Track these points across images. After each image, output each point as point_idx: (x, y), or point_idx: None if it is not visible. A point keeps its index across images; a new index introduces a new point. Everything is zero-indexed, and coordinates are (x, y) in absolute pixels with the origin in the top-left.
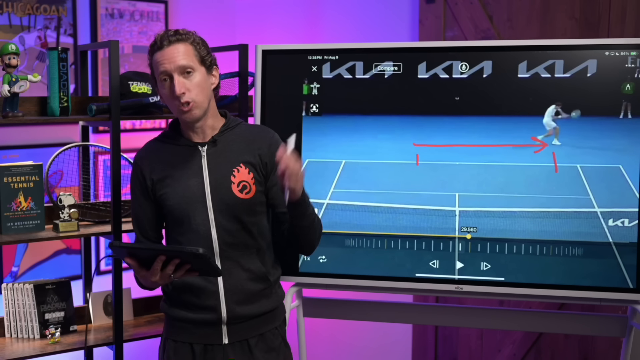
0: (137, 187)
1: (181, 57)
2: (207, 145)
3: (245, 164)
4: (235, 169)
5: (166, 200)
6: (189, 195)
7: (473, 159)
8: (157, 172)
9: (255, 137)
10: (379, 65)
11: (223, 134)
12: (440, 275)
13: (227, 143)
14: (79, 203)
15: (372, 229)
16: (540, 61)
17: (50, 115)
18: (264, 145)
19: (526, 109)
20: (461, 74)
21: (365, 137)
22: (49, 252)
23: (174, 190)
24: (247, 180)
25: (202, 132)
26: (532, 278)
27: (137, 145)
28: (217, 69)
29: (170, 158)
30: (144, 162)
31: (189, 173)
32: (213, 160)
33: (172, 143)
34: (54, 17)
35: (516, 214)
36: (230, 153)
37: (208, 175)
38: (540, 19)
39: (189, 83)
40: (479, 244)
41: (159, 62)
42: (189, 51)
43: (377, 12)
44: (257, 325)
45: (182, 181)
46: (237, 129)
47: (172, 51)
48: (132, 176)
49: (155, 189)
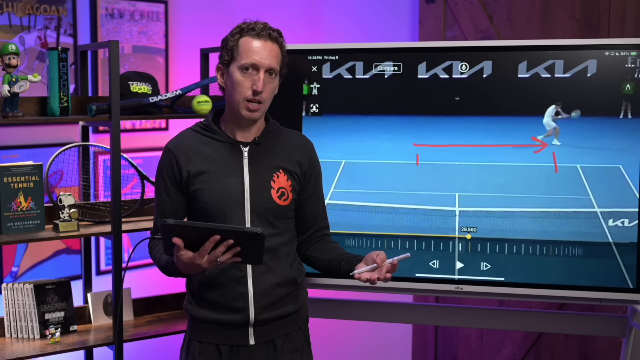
0: (170, 177)
1: (275, 58)
2: (250, 145)
3: (284, 170)
4: (275, 174)
5: (201, 196)
6: (228, 194)
7: (473, 159)
8: (195, 164)
9: (296, 145)
10: (379, 65)
11: (265, 136)
12: (440, 275)
13: (269, 146)
14: (79, 203)
15: (372, 229)
16: (540, 61)
17: (50, 115)
18: (304, 156)
19: (526, 109)
20: (461, 74)
21: (365, 137)
22: (49, 252)
23: (212, 187)
24: (285, 187)
25: (248, 132)
26: (532, 278)
27: (137, 145)
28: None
29: (209, 152)
30: (180, 152)
31: (229, 172)
32: (254, 162)
33: (212, 137)
34: (54, 17)
35: (516, 214)
36: (271, 157)
37: (249, 176)
38: (540, 19)
39: (268, 85)
40: (479, 244)
41: (253, 49)
42: (280, 56)
43: (377, 12)
44: (283, 326)
45: (220, 179)
46: (277, 133)
47: (271, 48)
48: (163, 165)
49: (189, 183)
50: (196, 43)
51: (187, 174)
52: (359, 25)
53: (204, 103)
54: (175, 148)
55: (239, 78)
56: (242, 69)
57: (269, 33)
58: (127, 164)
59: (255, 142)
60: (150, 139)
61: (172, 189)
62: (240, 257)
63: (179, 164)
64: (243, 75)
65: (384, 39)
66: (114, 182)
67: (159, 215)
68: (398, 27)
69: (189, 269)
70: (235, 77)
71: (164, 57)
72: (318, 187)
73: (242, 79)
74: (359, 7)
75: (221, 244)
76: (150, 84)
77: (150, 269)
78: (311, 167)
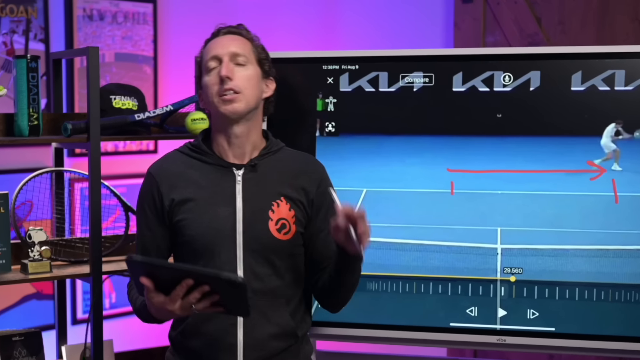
0: (150, 207)
1: (239, 44)
2: (245, 168)
3: (286, 198)
4: (274, 203)
5: (186, 228)
6: (216, 226)
7: (518, 187)
8: (179, 191)
9: (301, 168)
10: (407, 76)
11: (263, 157)
12: (479, 325)
13: (268, 170)
14: (52, 239)
15: (398, 270)
16: (598, 72)
17: (17, 136)
18: (312, 181)
19: (581, 128)
20: (504, 86)
21: (390, 162)
22: (16, 297)
23: (198, 217)
24: (287, 218)
25: (241, 150)
26: (587, 328)
27: (121, 171)
28: (273, 83)
29: (196, 176)
30: (162, 176)
31: (219, 199)
32: (250, 188)
33: (200, 159)
34: (22, 19)
35: (569, 253)
36: (270, 183)
37: (242, 205)
38: (597, 21)
39: (238, 72)
40: (525, 288)
41: (209, 49)
42: (246, 45)
43: (404, 13)
44: None
45: (208, 208)
46: (279, 154)
47: (228, 39)
48: (145, 192)
49: (173, 212)
50: (190, 50)
51: (170, 202)
52: (382, 29)
53: (200, 121)
54: (157, 172)
55: (205, 80)
56: (206, 71)
57: (227, 29)
58: (108, 192)
59: (251, 164)
60: (135, 164)
61: (153, 221)
62: (221, 307)
63: (160, 190)
64: (209, 75)
65: (412, 45)
66: (93, 215)
67: (139, 252)
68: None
69: (161, 314)
70: (204, 83)
71: (152, 67)
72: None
73: (208, 79)
74: (382, 8)
75: (195, 289)
76: (136, 98)
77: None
78: (320, 195)
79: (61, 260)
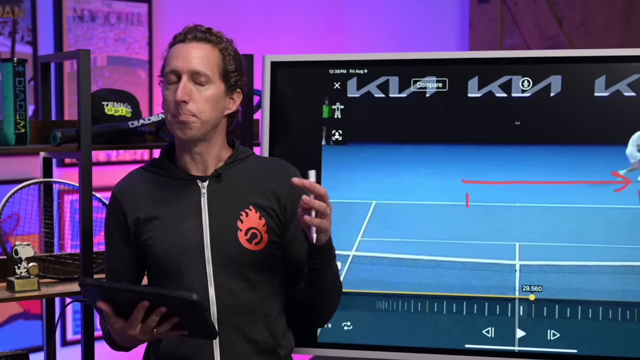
0: (115, 228)
1: (200, 60)
2: (209, 180)
3: (255, 206)
4: (243, 212)
5: (152, 247)
6: (182, 242)
7: (537, 199)
8: (143, 210)
9: (270, 173)
10: (419, 81)
11: (229, 167)
12: (496, 347)
13: (234, 179)
14: (40, 255)
15: (409, 288)
16: (623, 76)
17: (3, 145)
18: (282, 185)
19: (605, 137)
20: (523, 92)
21: (401, 172)
22: (2, 317)
23: (163, 235)
24: (257, 228)
25: (203, 163)
26: (612, 350)
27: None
28: (239, 95)
29: (159, 193)
30: (125, 196)
31: (184, 214)
32: (216, 199)
33: (164, 174)
34: (8, 20)
35: (592, 269)
36: (237, 192)
37: (208, 218)
38: (622, 22)
39: (197, 94)
40: (545, 307)
41: (172, 56)
42: (213, 58)
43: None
44: None
45: (174, 224)
46: (246, 161)
47: (193, 49)
48: (109, 214)
49: (139, 232)
50: None
51: (135, 221)
52: (393, 31)
53: None
54: (120, 192)
55: (164, 94)
56: (166, 80)
57: (196, 34)
58: (100, 205)
59: (216, 174)
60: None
61: (118, 242)
62: (184, 329)
63: (124, 210)
64: (167, 89)
65: (424, 47)
66: (84, 229)
67: (110, 276)
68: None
69: (124, 340)
70: (163, 95)
71: (146, 71)
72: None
73: (166, 93)
74: (393, 9)
75: (153, 312)
76: (130, 104)
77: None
78: (293, 199)
79: (50, 277)
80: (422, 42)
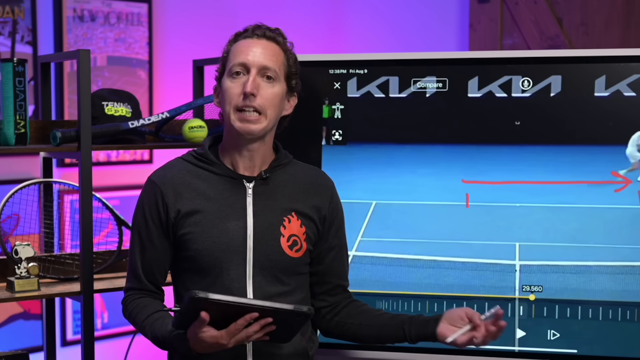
0: (154, 219)
1: (270, 57)
2: (255, 181)
3: (297, 213)
4: (286, 218)
5: (191, 242)
6: (226, 241)
7: (537, 199)
8: (186, 202)
9: (312, 183)
10: (419, 81)
11: (274, 170)
12: (496, 347)
13: (279, 183)
14: (40, 255)
15: (410, 288)
16: (623, 76)
17: (3, 145)
18: (324, 198)
19: (605, 137)
20: (523, 92)
21: (401, 172)
22: (1, 317)
23: (206, 231)
24: (298, 235)
25: (251, 163)
26: (612, 350)
27: (113, 182)
28: (295, 100)
29: (204, 187)
30: (167, 186)
31: (228, 212)
32: (261, 202)
33: (208, 169)
34: (8, 20)
35: (592, 269)
36: (281, 197)
37: (253, 220)
38: (622, 22)
39: (264, 89)
40: (545, 307)
41: (239, 50)
42: (281, 57)
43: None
44: None
45: (217, 221)
46: (289, 167)
47: (266, 45)
48: (146, 202)
49: (178, 225)
50: (187, 53)
51: (176, 213)
52: (393, 31)
53: (198, 129)
54: (161, 181)
55: (227, 85)
56: (231, 74)
57: (263, 32)
58: (100, 205)
59: (262, 176)
60: (129, 174)
61: (157, 234)
62: (268, 336)
63: (165, 201)
64: (232, 81)
65: (424, 47)
66: (84, 229)
67: (141, 269)
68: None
69: (205, 348)
70: (225, 86)
71: (147, 71)
72: (342, 237)
73: (230, 85)
74: (392, 8)
75: (256, 322)
76: (130, 104)
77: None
78: (332, 211)
79: (50, 277)
80: (422, 42)
